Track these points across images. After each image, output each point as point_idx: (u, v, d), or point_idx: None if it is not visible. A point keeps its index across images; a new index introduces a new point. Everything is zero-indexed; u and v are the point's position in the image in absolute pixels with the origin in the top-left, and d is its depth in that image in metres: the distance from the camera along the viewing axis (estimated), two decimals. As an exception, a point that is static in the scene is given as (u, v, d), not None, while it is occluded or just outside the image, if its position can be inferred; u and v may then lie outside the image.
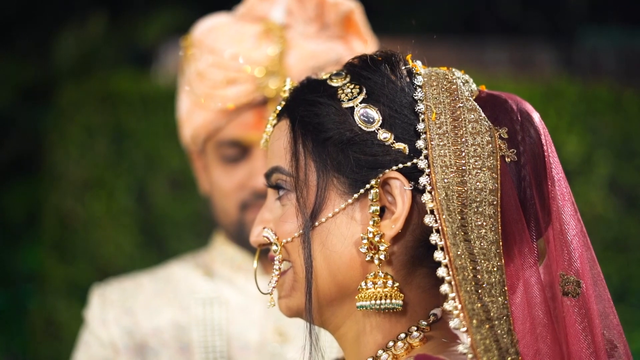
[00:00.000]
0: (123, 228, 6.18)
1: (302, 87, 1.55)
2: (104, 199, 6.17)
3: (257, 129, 2.20)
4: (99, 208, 6.15)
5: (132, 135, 6.26)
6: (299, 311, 1.53)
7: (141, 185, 6.23)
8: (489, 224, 1.40)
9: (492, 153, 1.43)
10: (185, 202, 6.26)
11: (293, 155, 1.49)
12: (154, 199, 6.26)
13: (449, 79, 1.50)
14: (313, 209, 1.46)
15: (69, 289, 6.11)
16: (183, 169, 6.25)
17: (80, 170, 6.19)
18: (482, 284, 1.36)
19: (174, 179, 6.27)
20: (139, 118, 6.29)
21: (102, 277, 6.10)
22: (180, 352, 2.24)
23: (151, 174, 6.24)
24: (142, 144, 6.25)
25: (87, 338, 2.30)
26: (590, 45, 8.52)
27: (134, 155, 6.25)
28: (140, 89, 6.39)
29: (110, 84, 6.39)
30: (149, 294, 2.32)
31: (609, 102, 6.17)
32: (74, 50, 7.43)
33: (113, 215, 6.17)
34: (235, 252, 2.32)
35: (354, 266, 1.45)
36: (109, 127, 6.24)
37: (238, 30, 2.23)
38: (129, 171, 6.24)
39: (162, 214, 6.27)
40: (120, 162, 6.25)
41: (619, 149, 6.01)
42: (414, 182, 1.44)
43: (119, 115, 6.25)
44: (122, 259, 6.15)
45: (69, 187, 6.17)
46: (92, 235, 6.17)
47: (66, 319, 6.06)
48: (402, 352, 1.45)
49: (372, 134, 1.45)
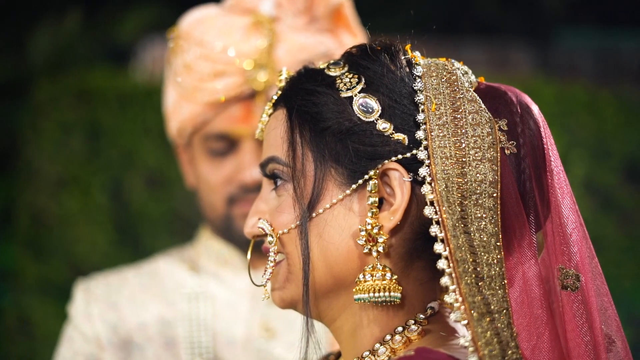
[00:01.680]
0: (98, 226, 6.15)
1: (299, 76, 1.53)
2: (79, 196, 6.13)
3: (245, 123, 2.17)
4: (73, 205, 6.11)
5: (107, 133, 6.22)
6: (293, 303, 1.51)
7: (116, 182, 6.20)
8: (488, 216, 1.38)
9: (492, 145, 1.41)
10: (161, 200, 6.23)
11: (290, 144, 1.46)
12: (129, 197, 6.23)
13: (448, 70, 1.48)
14: (310, 199, 1.44)
15: (43, 287, 6.07)
16: (159, 166, 6.22)
17: (55, 167, 6.15)
18: (482, 276, 1.35)
19: (150, 176, 6.24)
20: (115, 115, 6.25)
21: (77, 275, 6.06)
22: (166, 348, 2.21)
23: (127, 171, 6.20)
24: (117, 141, 6.21)
25: (71, 333, 2.27)
26: (566, 46, 8.56)
27: (109, 152, 6.22)
28: (116, 86, 6.36)
29: (86, 81, 6.35)
30: (134, 289, 2.29)
31: (585, 102, 6.20)
32: (49, 46, 7.39)
33: (88, 212, 6.13)
34: (221, 247, 2.30)
35: (351, 258, 1.43)
36: (85, 124, 6.20)
37: (227, 22, 2.20)
38: (104, 168, 6.20)
39: (137, 212, 6.24)
40: (96, 159, 6.21)
41: (594, 149, 6.03)
42: (413, 173, 1.42)
43: (94, 112, 6.22)
44: (96, 256, 6.11)
45: (43, 184, 6.13)
46: (66, 233, 6.13)
47: (40, 317, 6.01)
48: (400, 345, 1.43)
49: (371, 124, 1.43)
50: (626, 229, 6.11)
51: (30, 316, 6.03)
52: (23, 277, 6.07)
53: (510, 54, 7.71)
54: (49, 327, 5.95)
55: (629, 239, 6.10)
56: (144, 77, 6.75)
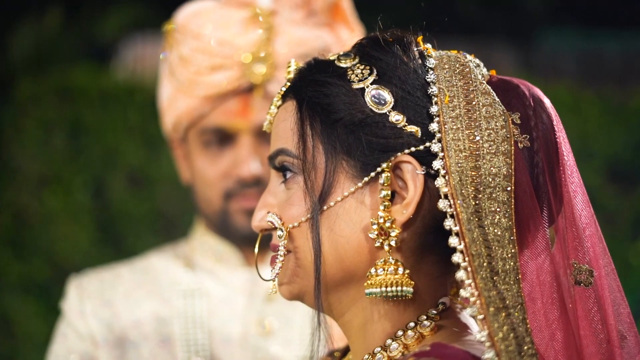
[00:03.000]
0: (80, 224, 6.12)
1: (309, 67, 1.51)
2: (61, 194, 6.10)
3: (242, 116, 2.15)
4: (55, 204, 6.08)
5: (89, 131, 6.19)
6: (301, 296, 1.48)
7: (99, 181, 6.17)
8: (502, 210, 1.37)
9: (506, 138, 1.40)
10: (144, 198, 6.21)
11: (300, 136, 1.44)
12: (111, 195, 6.20)
13: (461, 62, 1.47)
14: (321, 192, 1.42)
15: (24, 285, 6.04)
16: (141, 165, 6.20)
17: (36, 166, 6.12)
18: (497, 271, 1.33)
19: (132, 175, 6.22)
20: (97, 113, 6.23)
21: (58, 274, 6.07)
22: (161, 345, 2.18)
23: (109, 170, 6.18)
24: (100, 140, 6.19)
25: (64, 330, 2.24)
26: (549, 47, 8.58)
27: (91, 150, 6.19)
28: (98, 84, 6.33)
29: (68, 79, 6.32)
30: (128, 286, 2.26)
31: (568, 103, 6.20)
32: (30, 44, 7.34)
33: (70, 211, 6.10)
34: (216, 243, 2.27)
35: (362, 252, 1.41)
36: (67, 122, 6.17)
37: (224, 15, 2.18)
38: (86, 167, 6.17)
39: (119, 211, 6.21)
40: (78, 157, 6.19)
41: (577, 150, 6.00)
42: (426, 166, 1.40)
43: (76, 110, 6.19)
44: (78, 255, 6.08)
45: (25, 182, 6.10)
46: (48, 231, 6.10)
47: (21, 316, 5.98)
48: (412, 341, 1.41)
49: (383, 116, 1.41)
50: (609, 230, 6.12)
51: (10, 315, 5.99)
52: (4, 276, 6.04)
53: (493, 55, 7.72)
54: (30, 326, 5.92)
55: (612, 240, 6.11)
56: (126, 76, 6.71)
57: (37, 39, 7.37)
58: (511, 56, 8.03)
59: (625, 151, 6.21)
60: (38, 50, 7.33)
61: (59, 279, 6.31)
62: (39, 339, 5.97)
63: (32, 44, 7.37)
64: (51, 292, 6.12)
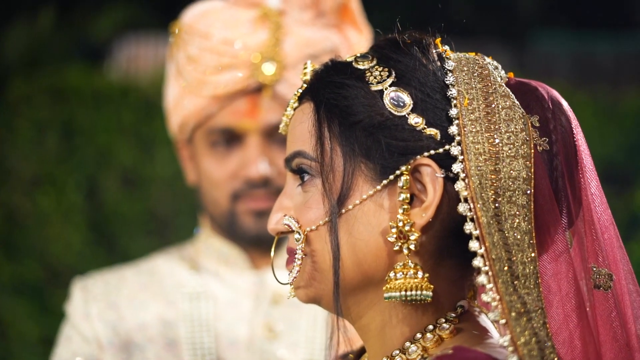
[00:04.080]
0: (72, 225, 6.10)
1: (326, 69, 1.49)
2: (54, 195, 6.08)
3: (250, 117, 2.14)
4: (48, 204, 6.07)
5: (82, 131, 6.18)
6: (318, 299, 1.47)
7: (92, 181, 6.16)
8: (522, 213, 1.36)
9: (525, 141, 1.39)
10: (137, 199, 6.20)
11: (318, 139, 1.43)
12: (104, 196, 6.19)
13: (480, 64, 1.46)
14: (339, 195, 1.40)
15: (16, 286, 6.02)
16: (134, 165, 6.18)
17: (29, 166, 6.10)
18: (517, 275, 1.32)
19: (126, 175, 6.21)
20: (90, 114, 6.22)
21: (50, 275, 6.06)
22: (167, 349, 2.17)
23: (102, 170, 6.17)
24: (93, 140, 6.18)
25: (69, 333, 2.22)
26: (542, 49, 8.59)
27: (84, 151, 6.18)
28: (91, 84, 6.33)
29: (61, 79, 6.31)
30: (134, 288, 2.24)
31: (561, 105, 6.20)
32: (23, 44, 7.32)
33: (62, 212, 6.09)
34: (221, 245, 2.26)
35: (380, 255, 1.40)
36: (59, 122, 6.16)
37: (232, 15, 2.17)
38: (79, 167, 6.16)
39: (112, 211, 6.20)
40: (71, 158, 6.17)
41: (570, 152, 6.03)
42: (445, 169, 1.38)
43: (69, 111, 6.18)
44: (71, 256, 6.07)
45: (17, 182, 6.08)
46: (40, 232, 6.09)
47: (13, 318, 5.96)
48: (431, 344, 1.40)
49: (402, 119, 1.40)
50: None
51: (3, 316, 5.97)
52: (-4, 277, 6.02)
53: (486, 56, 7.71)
54: (23, 327, 5.91)
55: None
56: (119, 76, 6.71)
57: (30, 38, 7.34)
58: (504, 58, 8.03)
59: (618, 152, 6.21)
60: (31, 50, 7.31)
61: (51, 280, 6.32)
62: (31, 340, 5.96)
63: (24, 44, 7.35)
64: (43, 293, 6.11)
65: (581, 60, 8.51)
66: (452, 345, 1.36)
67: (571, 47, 8.57)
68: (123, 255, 6.14)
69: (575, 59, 8.50)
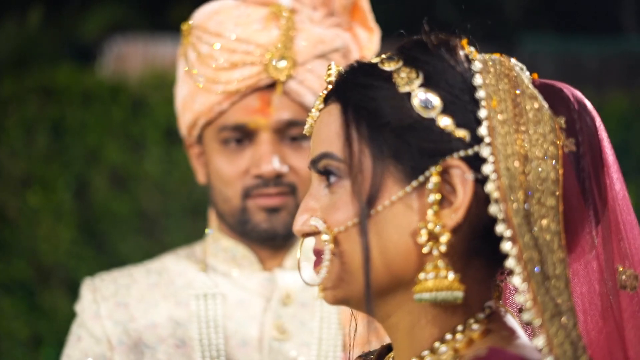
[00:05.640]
0: (62, 224, 6.11)
1: (352, 70, 1.49)
2: (43, 194, 6.09)
3: (262, 113, 2.15)
4: (37, 203, 6.06)
5: (72, 130, 6.18)
6: (346, 300, 1.47)
7: (81, 181, 6.16)
8: (551, 215, 1.36)
9: (553, 142, 1.39)
10: (126, 198, 6.20)
11: (346, 140, 1.43)
12: (94, 195, 6.19)
13: (506, 66, 1.46)
14: (369, 196, 1.40)
15: (4, 285, 6.03)
16: (123, 164, 6.18)
17: (19, 165, 6.11)
18: (549, 276, 1.33)
19: (115, 174, 6.21)
20: (79, 113, 6.22)
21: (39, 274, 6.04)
22: (177, 349, 2.16)
23: (91, 169, 6.17)
24: (82, 139, 6.17)
25: (78, 332, 2.21)
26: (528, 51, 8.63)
27: (73, 150, 6.18)
28: (81, 84, 6.33)
29: (50, 78, 6.32)
30: (143, 288, 2.24)
31: (547, 106, 6.23)
32: (12, 43, 7.30)
33: (52, 211, 6.09)
34: (231, 244, 2.25)
35: (410, 257, 1.40)
36: (49, 121, 6.16)
37: (244, 12, 2.18)
38: (68, 166, 6.17)
39: (101, 210, 6.21)
40: (60, 156, 6.18)
41: (557, 153, 6.05)
42: (474, 170, 1.39)
43: (59, 110, 6.17)
44: (60, 255, 6.07)
45: (7, 181, 6.09)
46: (30, 231, 6.10)
47: (1, 316, 5.96)
48: (462, 345, 1.40)
49: (431, 120, 1.40)
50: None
51: (-9, 314, 5.97)
52: (-15, 275, 6.02)
53: (472, 57, 7.74)
54: (11, 325, 5.90)
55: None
56: (108, 76, 6.70)
57: (19, 38, 7.33)
58: (490, 59, 8.05)
59: (604, 154, 6.25)
60: (20, 49, 7.30)
61: (40, 279, 6.30)
62: (20, 338, 5.95)
63: (14, 43, 7.33)
64: (33, 291, 6.10)
65: (566, 62, 8.54)
66: (484, 347, 1.37)
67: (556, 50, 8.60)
68: (112, 254, 6.16)
69: (560, 61, 8.53)
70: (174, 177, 6.18)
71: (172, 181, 6.19)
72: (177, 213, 6.17)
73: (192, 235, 6.45)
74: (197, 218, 6.07)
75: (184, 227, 6.19)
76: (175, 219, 6.15)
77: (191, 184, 6.11)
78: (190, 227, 6.14)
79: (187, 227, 6.16)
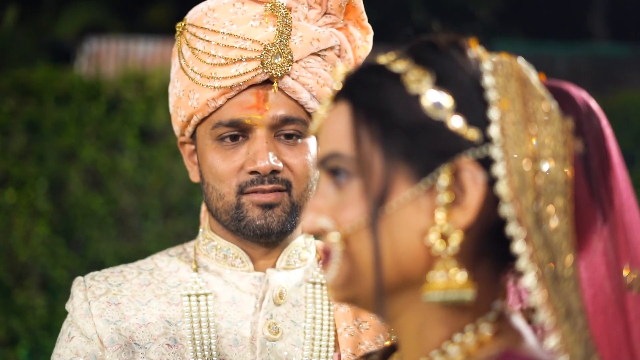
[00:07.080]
0: (36, 223, 6.08)
1: (360, 70, 1.48)
2: (18, 192, 6.05)
3: (258, 110, 2.14)
4: (11, 200, 6.03)
5: (48, 129, 6.17)
6: (355, 300, 1.47)
7: (56, 179, 6.14)
8: (561, 216, 1.37)
9: (563, 144, 1.40)
10: (101, 197, 6.19)
11: (357, 140, 1.42)
12: (69, 194, 6.17)
13: (515, 67, 1.46)
14: (379, 196, 1.40)
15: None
16: (99, 164, 6.17)
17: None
18: (560, 277, 1.33)
19: (90, 173, 6.19)
20: (56, 112, 6.20)
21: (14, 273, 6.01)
22: (169, 348, 2.15)
23: (67, 168, 6.15)
24: (58, 138, 6.16)
25: (69, 331, 2.19)
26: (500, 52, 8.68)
27: (49, 149, 6.16)
28: (56, 84, 6.31)
29: (26, 78, 6.31)
30: (135, 287, 2.22)
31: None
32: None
33: (26, 209, 6.06)
34: (223, 243, 2.25)
35: (419, 257, 1.39)
36: (25, 120, 6.14)
37: (240, 9, 2.18)
38: (44, 165, 6.13)
39: (77, 209, 6.19)
40: (36, 155, 6.15)
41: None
42: (485, 170, 1.39)
43: (35, 109, 6.16)
44: (35, 253, 6.05)
45: (-18, 180, 6.05)
46: (5, 229, 6.06)
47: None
48: (472, 345, 1.40)
49: (441, 121, 1.39)
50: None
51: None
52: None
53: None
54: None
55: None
56: (84, 76, 6.68)
57: (-6, 38, 7.28)
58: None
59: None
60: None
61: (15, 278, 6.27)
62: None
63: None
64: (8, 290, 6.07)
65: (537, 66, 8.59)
66: (496, 349, 1.37)
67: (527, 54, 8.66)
68: (87, 253, 6.16)
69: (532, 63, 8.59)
70: (149, 176, 6.18)
71: (147, 180, 6.19)
72: (152, 212, 6.16)
73: (166, 234, 6.46)
74: (171, 217, 6.07)
75: (158, 225, 6.18)
76: (150, 218, 6.14)
77: (166, 183, 6.13)
78: (164, 226, 6.13)
79: (161, 225, 6.16)
